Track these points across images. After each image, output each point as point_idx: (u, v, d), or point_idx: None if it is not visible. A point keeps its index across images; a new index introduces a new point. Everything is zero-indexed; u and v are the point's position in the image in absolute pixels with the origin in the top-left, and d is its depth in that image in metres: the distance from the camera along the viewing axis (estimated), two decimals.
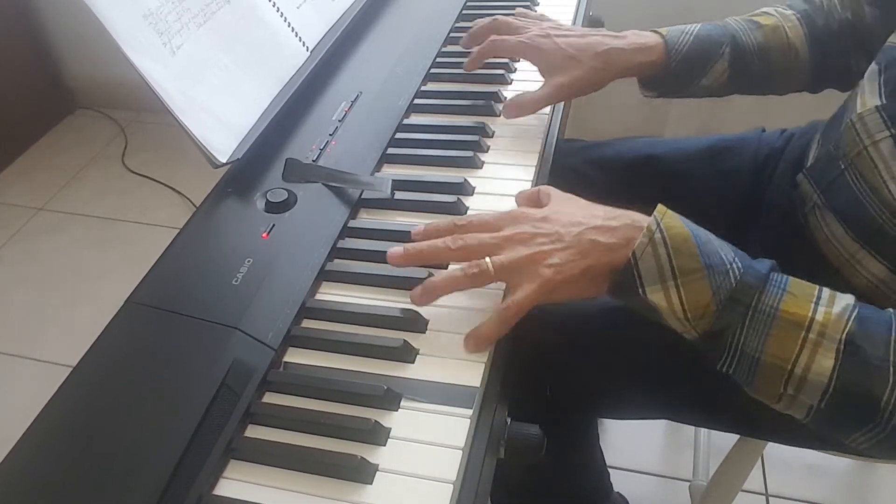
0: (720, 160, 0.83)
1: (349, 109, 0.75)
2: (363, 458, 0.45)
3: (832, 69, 0.75)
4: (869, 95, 0.62)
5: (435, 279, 0.53)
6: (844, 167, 0.63)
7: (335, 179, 0.65)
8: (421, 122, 0.76)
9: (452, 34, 0.89)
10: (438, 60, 0.84)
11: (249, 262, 0.57)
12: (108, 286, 1.59)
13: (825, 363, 0.46)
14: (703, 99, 0.78)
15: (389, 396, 0.48)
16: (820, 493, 1.22)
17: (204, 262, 0.58)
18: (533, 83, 0.81)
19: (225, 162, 0.64)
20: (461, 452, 0.45)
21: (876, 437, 0.47)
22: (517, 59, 0.84)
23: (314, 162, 0.67)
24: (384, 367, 0.51)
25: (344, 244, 0.60)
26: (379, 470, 0.45)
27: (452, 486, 0.43)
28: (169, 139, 1.94)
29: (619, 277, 0.51)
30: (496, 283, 0.54)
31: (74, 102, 2.16)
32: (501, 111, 0.74)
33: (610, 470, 0.96)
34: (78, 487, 0.43)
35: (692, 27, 0.74)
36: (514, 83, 0.82)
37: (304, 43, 0.80)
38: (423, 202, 0.64)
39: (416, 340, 0.52)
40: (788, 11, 0.76)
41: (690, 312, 0.49)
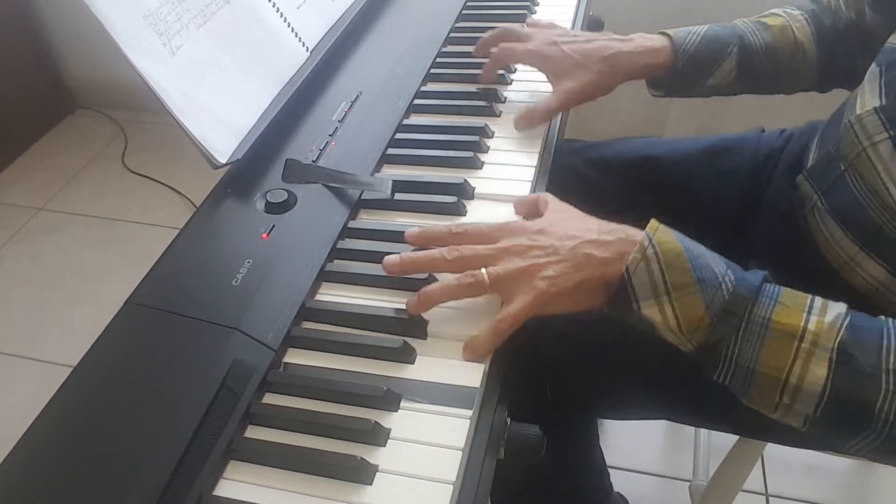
0: (720, 160, 0.83)
1: (349, 110, 0.75)
2: (363, 458, 0.45)
3: (840, 69, 0.75)
4: (869, 96, 0.62)
5: (430, 288, 0.53)
6: (844, 169, 0.63)
7: (335, 180, 0.65)
8: (421, 122, 0.76)
9: (452, 34, 0.89)
10: (438, 61, 0.84)
11: (249, 262, 0.57)
12: (108, 286, 1.59)
13: (819, 372, 0.46)
14: (703, 99, 0.78)
15: (389, 397, 0.48)
16: (820, 493, 1.22)
17: (204, 262, 0.58)
18: (533, 83, 0.81)
19: (225, 162, 0.64)
20: (461, 453, 0.45)
21: (872, 443, 0.47)
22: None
23: (314, 162, 0.67)
24: (384, 367, 0.51)
25: (344, 245, 0.60)
26: (379, 470, 0.45)
27: (452, 486, 0.43)
28: (169, 139, 1.94)
29: (614, 293, 0.51)
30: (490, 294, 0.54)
31: (74, 102, 2.15)
32: (514, 124, 0.73)
33: (610, 470, 0.96)
34: (78, 487, 0.43)
35: (699, 28, 0.75)
36: (513, 83, 0.82)
37: (303, 43, 0.80)
38: (423, 203, 0.64)
39: (416, 341, 0.52)
40: (796, 12, 0.77)
41: (685, 326, 0.50)
